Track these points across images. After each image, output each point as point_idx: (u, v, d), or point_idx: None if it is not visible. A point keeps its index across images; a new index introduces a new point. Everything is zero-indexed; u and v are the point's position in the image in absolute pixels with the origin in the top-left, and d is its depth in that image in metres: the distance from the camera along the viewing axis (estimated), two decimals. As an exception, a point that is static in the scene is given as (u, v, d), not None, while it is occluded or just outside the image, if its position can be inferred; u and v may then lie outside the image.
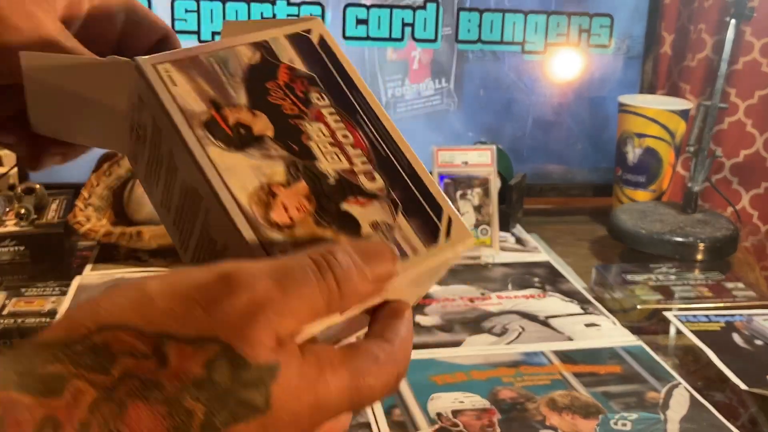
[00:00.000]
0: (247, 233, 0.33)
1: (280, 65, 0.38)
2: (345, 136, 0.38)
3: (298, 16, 1.21)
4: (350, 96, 0.39)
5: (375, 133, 0.38)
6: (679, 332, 0.86)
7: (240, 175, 0.34)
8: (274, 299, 0.29)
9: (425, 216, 0.37)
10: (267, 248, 0.33)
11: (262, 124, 0.36)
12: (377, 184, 0.37)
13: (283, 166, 0.35)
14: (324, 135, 0.37)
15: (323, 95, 0.38)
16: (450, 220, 0.37)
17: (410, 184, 0.38)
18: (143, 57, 0.36)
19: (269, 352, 0.28)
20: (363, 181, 0.37)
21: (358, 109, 0.39)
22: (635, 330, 0.86)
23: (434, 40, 1.27)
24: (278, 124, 0.36)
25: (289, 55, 0.39)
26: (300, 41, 0.40)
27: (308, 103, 0.38)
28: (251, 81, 0.37)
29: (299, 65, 0.39)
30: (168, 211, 0.37)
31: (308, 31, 0.40)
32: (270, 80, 0.38)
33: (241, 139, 0.35)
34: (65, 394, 0.25)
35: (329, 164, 0.36)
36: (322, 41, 0.40)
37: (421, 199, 0.37)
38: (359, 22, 1.23)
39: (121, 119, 0.38)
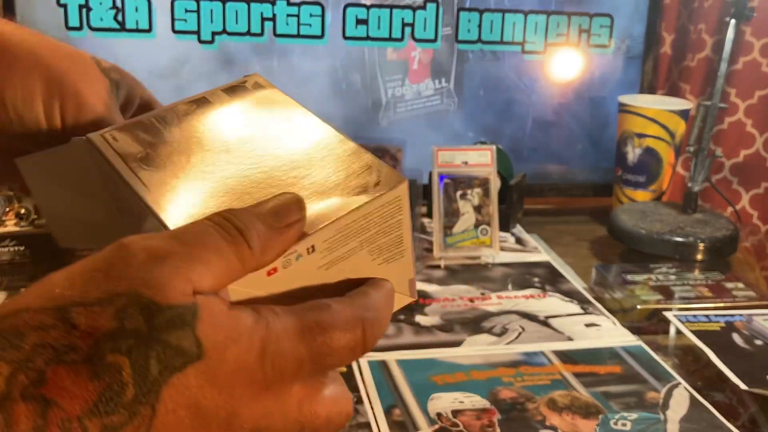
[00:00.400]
0: (166, 220, 0.34)
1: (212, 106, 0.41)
2: None
3: (298, 16, 1.21)
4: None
5: None
6: (679, 332, 0.86)
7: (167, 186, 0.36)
8: (176, 251, 0.28)
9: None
10: None
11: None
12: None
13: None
14: None
15: None
16: (378, 171, 0.36)
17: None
18: (93, 133, 0.39)
19: (182, 295, 0.27)
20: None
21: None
22: (635, 330, 0.86)
23: (434, 40, 1.27)
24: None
25: (222, 101, 0.42)
26: (236, 89, 0.43)
27: None
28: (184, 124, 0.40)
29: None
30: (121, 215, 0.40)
31: (244, 82, 0.44)
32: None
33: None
34: None
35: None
36: (257, 85, 0.44)
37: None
38: (359, 22, 1.23)
39: (105, 204, 0.40)
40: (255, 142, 0.39)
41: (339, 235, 0.34)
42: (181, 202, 0.35)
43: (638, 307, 0.91)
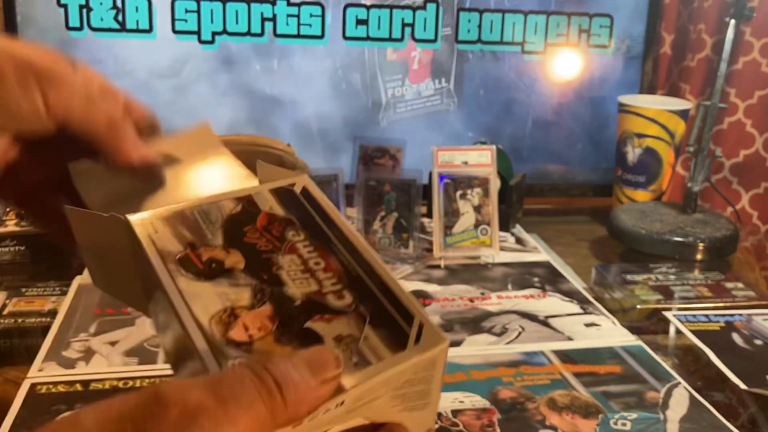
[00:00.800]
0: (201, 345, 0.34)
1: (260, 212, 0.40)
2: (317, 263, 0.38)
3: (298, 16, 1.21)
4: (326, 229, 0.40)
5: (349, 258, 0.39)
6: (678, 332, 0.87)
7: (204, 300, 0.35)
8: (208, 407, 0.28)
9: (394, 325, 0.36)
10: (220, 361, 0.33)
11: (235, 259, 0.38)
12: (345, 300, 0.37)
13: (250, 291, 0.36)
14: (296, 264, 0.38)
15: (299, 232, 0.40)
16: (421, 326, 0.36)
17: (381, 298, 0.37)
18: (133, 215, 0.38)
19: None
20: (330, 299, 0.37)
21: (332, 239, 0.40)
22: (635, 330, 0.87)
23: (434, 41, 1.27)
24: (250, 258, 0.38)
25: (270, 204, 0.41)
26: (283, 193, 0.42)
27: (283, 240, 0.39)
28: (230, 225, 0.39)
29: (278, 211, 0.41)
30: (164, 347, 0.39)
31: (292, 185, 0.42)
32: (249, 225, 0.39)
33: (212, 272, 0.37)
34: None
35: (297, 288, 0.37)
36: (305, 191, 0.42)
37: (391, 309, 0.37)
38: (359, 22, 1.23)
39: (134, 273, 0.40)
40: None
41: (370, 390, 0.34)
42: (216, 318, 0.35)
43: (638, 306, 0.91)
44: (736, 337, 0.85)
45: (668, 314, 0.90)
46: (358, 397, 0.34)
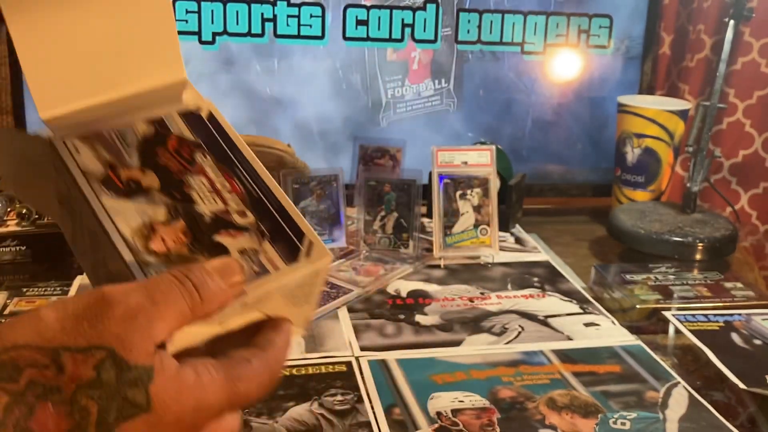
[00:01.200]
0: (128, 257, 0.40)
1: (170, 135, 0.44)
2: (223, 185, 0.44)
3: (298, 17, 1.22)
4: (231, 155, 0.45)
5: (250, 182, 0.44)
6: (678, 332, 0.87)
7: (126, 216, 0.41)
8: (145, 307, 0.35)
9: (289, 241, 0.43)
10: (144, 269, 0.40)
11: (150, 180, 0.42)
12: (248, 219, 0.43)
13: (165, 209, 0.42)
14: (204, 185, 0.43)
15: (207, 155, 0.44)
16: (311, 243, 0.43)
17: (278, 218, 0.44)
18: (54, 135, 0.42)
19: (146, 355, 0.34)
20: (236, 218, 0.43)
21: (237, 163, 0.44)
22: (634, 329, 0.87)
23: (434, 41, 1.27)
24: (164, 180, 0.43)
25: (179, 128, 0.45)
26: (191, 117, 0.45)
27: (193, 162, 0.44)
28: (144, 148, 0.43)
29: (187, 135, 0.45)
30: (79, 251, 0.44)
31: (199, 109, 0.46)
32: (161, 146, 0.44)
33: (131, 191, 0.42)
34: None
35: (207, 206, 0.43)
36: (211, 116, 0.46)
37: (286, 228, 0.43)
38: (359, 22, 1.24)
39: (53, 189, 0.44)
40: None
41: (267, 293, 0.41)
42: (137, 232, 0.41)
43: (637, 306, 0.91)
44: (735, 336, 0.85)
45: (667, 314, 0.90)
46: (258, 298, 0.41)
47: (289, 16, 1.21)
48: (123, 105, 0.44)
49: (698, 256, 1.09)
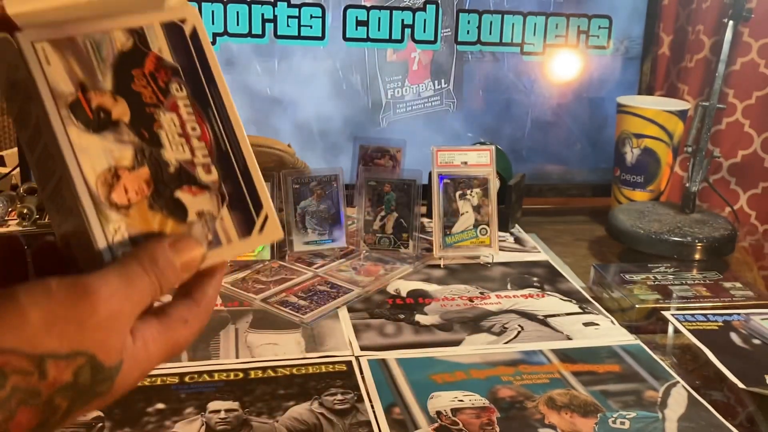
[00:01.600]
0: (90, 211, 0.39)
1: (148, 53, 0.42)
2: (193, 129, 0.42)
3: (298, 17, 1.22)
4: (207, 90, 0.43)
5: (221, 128, 0.43)
6: (677, 331, 0.87)
7: (92, 156, 0.40)
8: (124, 310, 0.37)
9: (246, 211, 0.43)
10: (104, 228, 0.40)
11: (121, 110, 0.41)
12: (212, 176, 0.42)
13: (132, 151, 0.41)
14: (174, 125, 0.42)
15: (182, 86, 0.42)
16: (266, 218, 0.43)
17: (241, 181, 0.43)
18: (22, 33, 0.39)
19: (118, 354, 0.37)
20: (200, 172, 0.42)
21: (211, 103, 0.43)
22: (633, 329, 0.87)
23: (434, 42, 1.27)
24: (135, 111, 0.41)
25: (159, 44, 0.42)
26: (173, 31, 0.43)
27: (167, 93, 0.42)
28: (119, 67, 0.41)
29: (167, 55, 0.42)
30: (31, 154, 0.42)
31: (183, 21, 0.43)
32: (137, 67, 0.41)
33: (100, 123, 0.40)
34: None
35: (173, 153, 0.42)
36: (194, 33, 0.43)
37: (247, 195, 0.43)
38: (359, 23, 1.24)
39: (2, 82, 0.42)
40: None
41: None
42: (101, 179, 0.40)
43: (636, 306, 0.92)
44: (734, 336, 0.85)
45: (667, 314, 0.90)
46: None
47: (289, 16, 1.21)
48: (102, 4, 0.41)
49: (697, 256, 1.09)
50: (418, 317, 0.88)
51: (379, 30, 1.25)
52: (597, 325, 0.88)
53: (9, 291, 0.35)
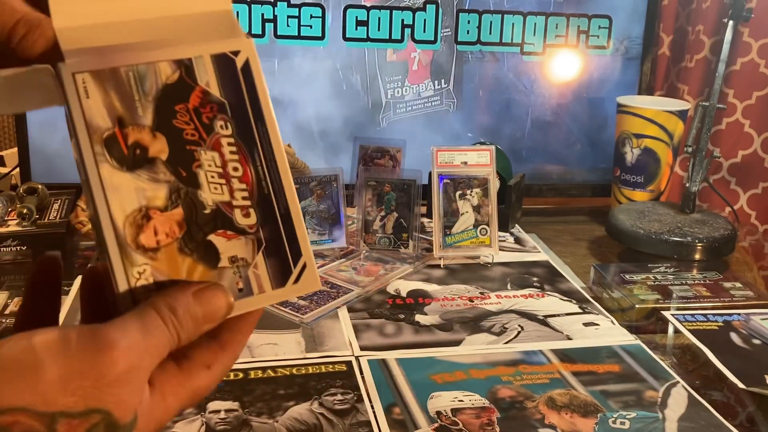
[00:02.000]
0: (113, 249, 0.38)
1: (195, 88, 0.39)
2: (235, 169, 0.39)
3: (298, 17, 1.22)
4: (255, 128, 0.40)
5: (265, 169, 0.40)
6: (677, 331, 0.87)
7: (123, 195, 0.38)
8: (143, 365, 0.35)
9: (283, 259, 0.40)
10: (127, 271, 0.38)
11: (159, 147, 0.38)
12: (250, 220, 0.40)
13: (167, 190, 0.38)
14: (215, 165, 0.39)
15: (228, 124, 0.39)
16: (304, 267, 0.41)
17: (281, 226, 0.40)
18: (64, 64, 0.37)
19: (133, 410, 0.35)
20: (237, 215, 0.40)
21: (258, 142, 0.40)
22: (633, 329, 0.87)
23: (434, 42, 1.27)
24: (174, 148, 0.38)
25: (207, 78, 0.39)
26: (224, 64, 0.40)
27: (210, 131, 0.39)
28: (162, 101, 0.38)
29: (214, 90, 0.39)
30: (79, 173, 0.40)
31: (236, 53, 0.40)
32: (180, 102, 0.39)
33: (135, 160, 0.38)
34: None
35: (211, 194, 0.39)
36: (246, 67, 0.40)
37: (285, 242, 0.40)
38: (359, 23, 1.24)
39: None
40: None
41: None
42: (130, 219, 0.38)
43: (636, 306, 0.92)
44: (734, 336, 0.85)
45: (666, 314, 0.90)
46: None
47: (289, 16, 1.21)
48: (151, 29, 0.39)
49: (697, 256, 1.09)
50: (418, 317, 0.88)
51: (379, 30, 1.25)
52: (597, 325, 0.88)
53: (26, 343, 0.33)
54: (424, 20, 1.26)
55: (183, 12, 0.40)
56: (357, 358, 0.78)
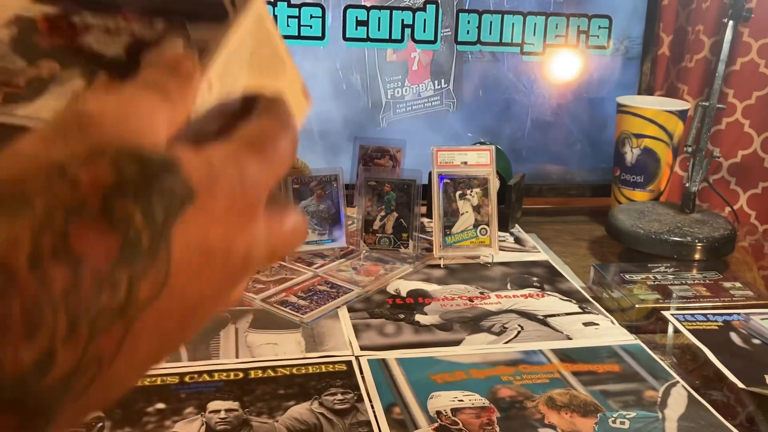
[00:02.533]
0: None
1: (36, 17, 0.36)
2: (116, 23, 0.36)
3: (298, 17, 1.22)
4: None
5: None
6: (677, 331, 0.87)
7: (49, 109, 0.34)
8: (137, 95, 0.28)
9: (208, 8, 0.36)
10: None
11: (48, 67, 0.35)
12: (158, 27, 0.35)
13: (79, 73, 0.35)
14: (97, 34, 0.36)
15: (81, 12, 0.36)
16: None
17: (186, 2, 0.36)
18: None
19: (157, 147, 0.27)
20: (146, 35, 0.35)
21: None
22: (633, 329, 0.87)
23: (434, 42, 1.28)
24: (61, 58, 0.35)
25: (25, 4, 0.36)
26: None
27: (73, 27, 0.36)
28: (17, 47, 0.35)
29: (46, 8, 0.36)
30: None
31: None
32: (34, 33, 0.35)
33: (36, 90, 0.35)
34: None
35: (112, 47, 0.35)
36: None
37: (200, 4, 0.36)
38: (359, 23, 1.24)
39: None
40: None
41: (227, 69, 0.35)
42: None
43: (636, 306, 0.92)
44: (734, 336, 0.85)
45: (666, 313, 0.90)
46: (221, 81, 0.34)
47: (289, 16, 1.22)
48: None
49: (697, 256, 1.09)
50: (418, 317, 0.88)
51: (379, 30, 1.25)
52: (597, 324, 0.88)
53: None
54: (424, 20, 1.26)
55: None
56: (357, 357, 0.78)
